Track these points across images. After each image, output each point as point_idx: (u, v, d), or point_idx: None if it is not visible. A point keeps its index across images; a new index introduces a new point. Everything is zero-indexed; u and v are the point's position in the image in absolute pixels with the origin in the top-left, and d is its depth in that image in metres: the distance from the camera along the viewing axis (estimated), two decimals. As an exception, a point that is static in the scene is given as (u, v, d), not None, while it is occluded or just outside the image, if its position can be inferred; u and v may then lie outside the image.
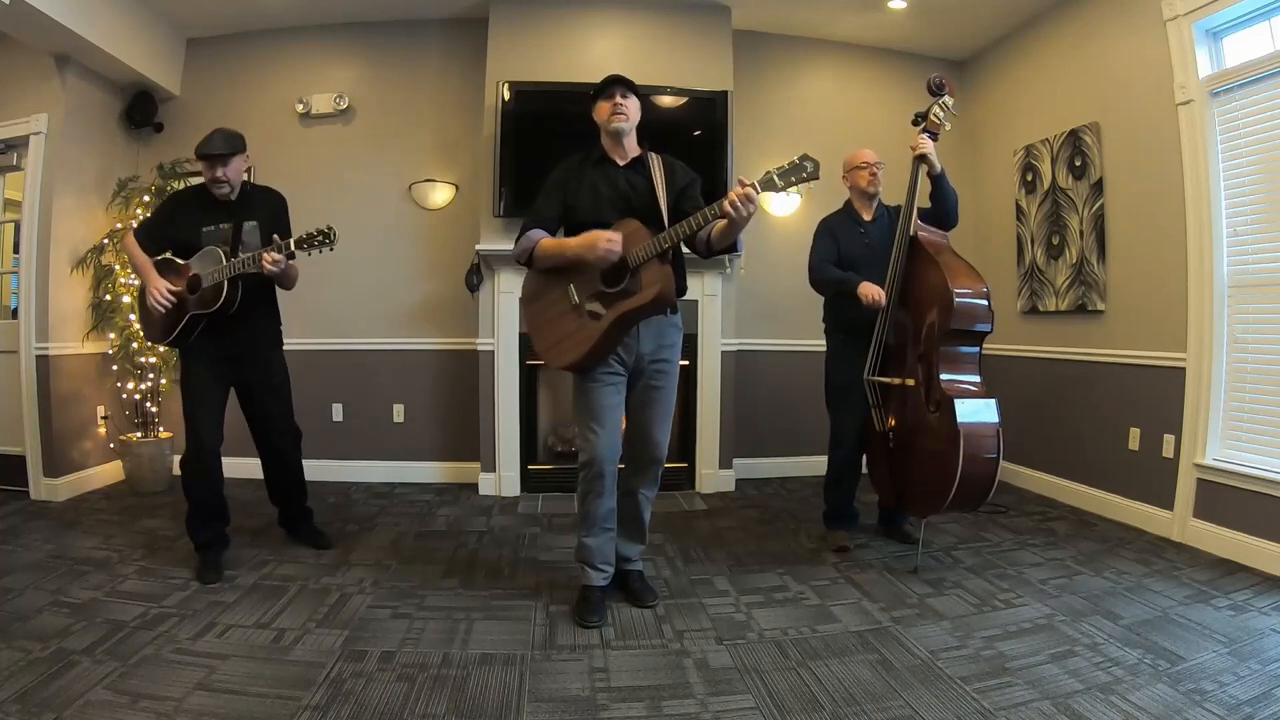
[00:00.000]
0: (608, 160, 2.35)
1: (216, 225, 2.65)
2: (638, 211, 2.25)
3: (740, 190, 1.98)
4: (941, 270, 2.66)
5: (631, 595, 2.46)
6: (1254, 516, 2.77)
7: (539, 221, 2.33)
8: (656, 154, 2.38)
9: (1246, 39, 2.91)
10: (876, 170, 2.95)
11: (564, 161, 2.40)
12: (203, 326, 2.63)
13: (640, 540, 2.52)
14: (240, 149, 2.65)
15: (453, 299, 4.14)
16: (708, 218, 2.08)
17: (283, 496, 3.02)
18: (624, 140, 2.34)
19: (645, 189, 2.30)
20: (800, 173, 1.98)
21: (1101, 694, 1.82)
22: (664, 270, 2.15)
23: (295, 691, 1.84)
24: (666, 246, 2.13)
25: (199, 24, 4.11)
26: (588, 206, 2.29)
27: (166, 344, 2.71)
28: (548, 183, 2.38)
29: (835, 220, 3.02)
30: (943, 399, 2.61)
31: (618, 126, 2.29)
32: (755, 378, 4.31)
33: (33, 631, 2.13)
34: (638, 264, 2.15)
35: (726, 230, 2.13)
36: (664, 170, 2.33)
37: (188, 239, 2.65)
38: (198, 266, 2.61)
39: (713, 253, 2.25)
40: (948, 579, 2.66)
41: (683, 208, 2.27)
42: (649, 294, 2.13)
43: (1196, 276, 3.03)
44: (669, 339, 2.36)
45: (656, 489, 2.46)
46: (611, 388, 2.31)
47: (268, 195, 2.80)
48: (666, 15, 4.05)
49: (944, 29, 4.22)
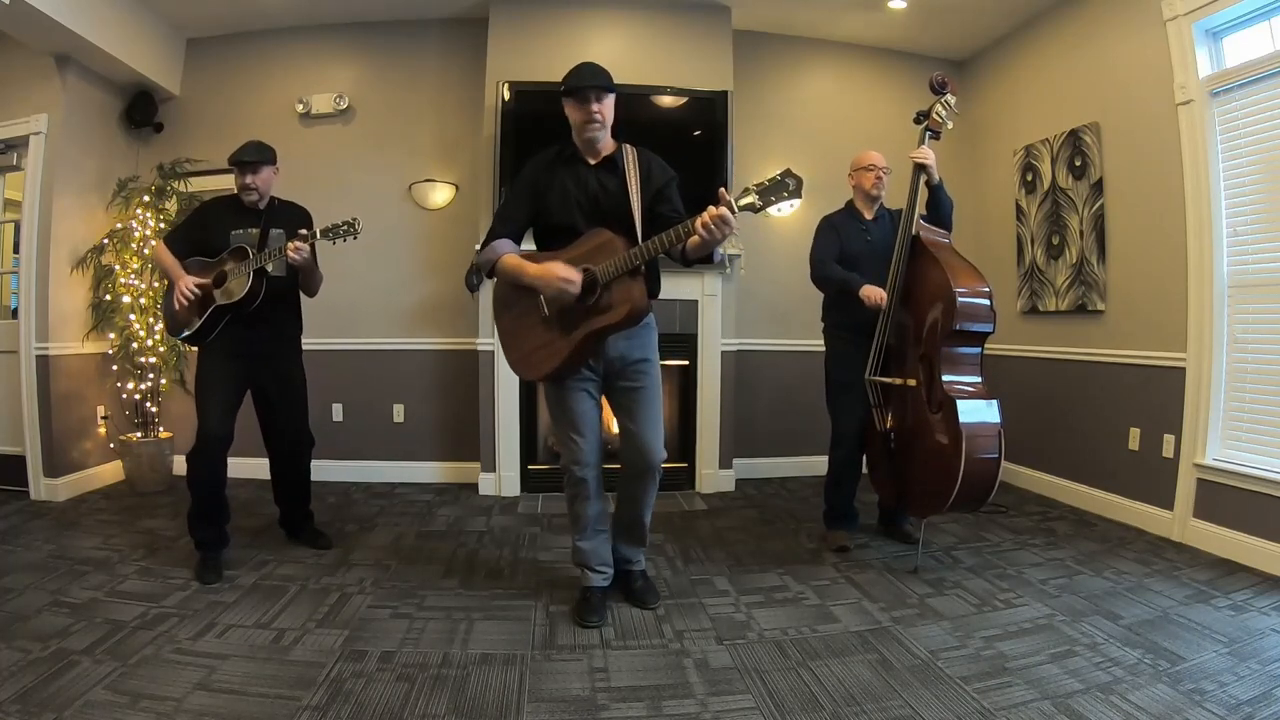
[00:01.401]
0: (578, 158, 2.23)
1: (245, 230, 2.71)
2: (608, 214, 2.16)
3: (715, 212, 1.89)
4: (943, 269, 2.65)
5: (634, 596, 2.43)
6: (1254, 516, 2.76)
7: (505, 227, 2.25)
8: (633, 147, 2.24)
9: (1246, 39, 2.91)
10: (882, 175, 2.95)
11: (535, 158, 2.29)
12: (225, 322, 2.66)
13: (641, 543, 2.48)
14: (270, 160, 2.75)
15: (453, 299, 4.14)
16: (681, 235, 1.98)
17: (287, 500, 3.02)
18: (598, 142, 2.22)
19: (617, 190, 2.19)
20: (782, 190, 1.88)
21: (1101, 694, 1.82)
22: (634, 286, 2.06)
23: (295, 691, 1.84)
24: (637, 263, 2.04)
25: (199, 24, 4.12)
26: (558, 208, 2.21)
27: (187, 338, 2.72)
28: (517, 182, 2.31)
29: (837, 218, 3.02)
30: (945, 399, 2.61)
31: (592, 136, 2.18)
32: (755, 378, 4.30)
33: (33, 631, 2.13)
34: (608, 279, 2.06)
35: (700, 246, 2.01)
36: (639, 169, 2.20)
37: (217, 243, 2.71)
38: (227, 261, 2.66)
39: (688, 264, 2.15)
40: (948, 579, 2.66)
41: (658, 209, 2.19)
42: (619, 313, 2.06)
43: (1196, 276, 3.03)
44: (641, 338, 2.27)
45: (656, 491, 2.38)
46: (585, 393, 2.28)
47: (295, 209, 2.88)
48: (666, 15, 4.05)
49: (944, 29, 4.22)
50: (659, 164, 2.27)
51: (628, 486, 2.36)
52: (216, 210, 2.80)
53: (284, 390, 2.85)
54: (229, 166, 2.71)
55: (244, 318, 2.65)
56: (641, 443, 2.26)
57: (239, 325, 2.67)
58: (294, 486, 3.00)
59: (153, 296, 3.92)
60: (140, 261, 3.88)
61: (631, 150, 2.24)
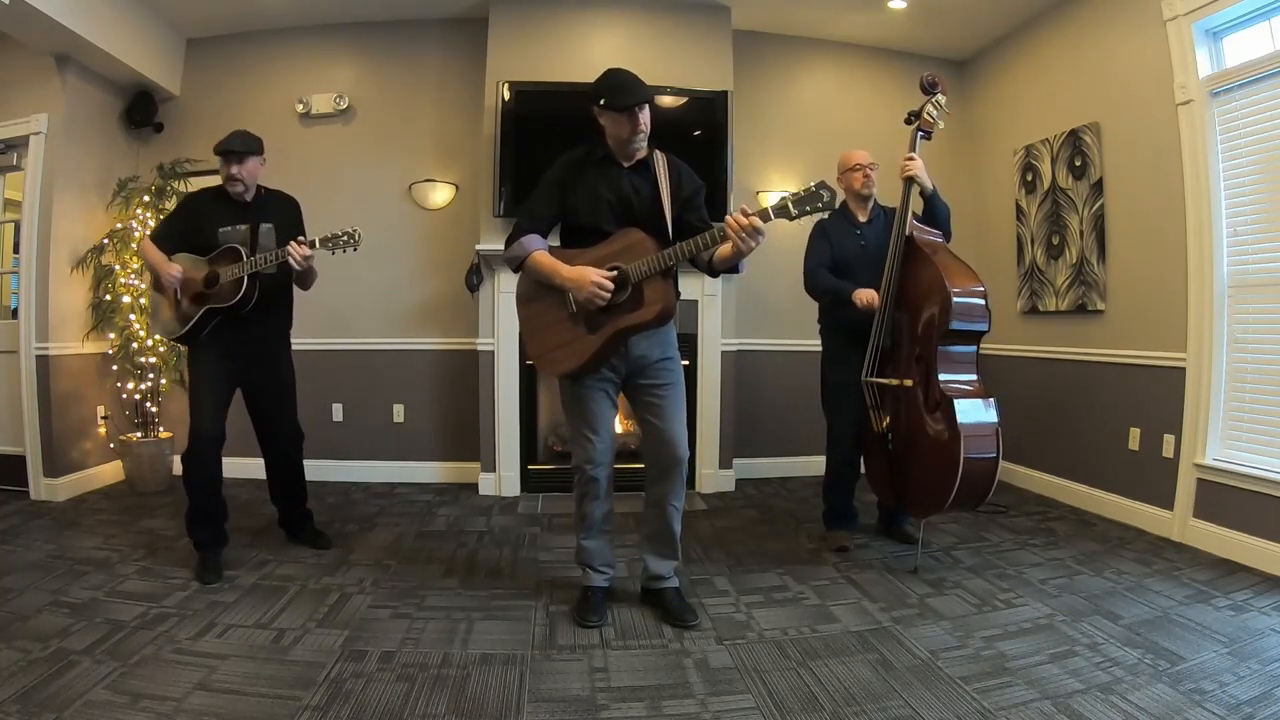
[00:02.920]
0: (611, 160, 2.23)
1: (233, 226, 2.68)
2: (640, 217, 2.17)
3: (745, 220, 1.93)
4: (938, 269, 2.65)
5: (671, 615, 2.29)
6: (1254, 516, 2.76)
7: (534, 223, 2.23)
8: (662, 153, 2.26)
9: (1246, 39, 2.91)
10: (869, 172, 2.94)
11: (565, 156, 2.27)
12: (215, 323, 2.65)
13: (673, 555, 2.38)
14: (256, 150, 2.70)
15: (453, 299, 4.14)
16: (712, 240, 2.02)
17: (284, 498, 3.01)
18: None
19: (649, 194, 2.20)
20: (817, 201, 1.91)
21: (1101, 694, 1.82)
22: (666, 286, 2.09)
23: (295, 691, 1.84)
24: (671, 264, 2.06)
25: (199, 24, 4.12)
26: (587, 210, 2.20)
27: (178, 339, 2.71)
28: (546, 179, 2.27)
29: (830, 223, 3.00)
30: (942, 399, 2.61)
31: (638, 148, 2.20)
32: (755, 378, 4.30)
33: (33, 631, 2.13)
34: (640, 278, 2.08)
35: (730, 256, 2.08)
36: (670, 175, 2.22)
37: (204, 239, 2.68)
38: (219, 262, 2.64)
39: (715, 273, 2.20)
40: (948, 579, 2.66)
41: (686, 218, 2.21)
42: (651, 311, 2.07)
43: (1196, 276, 3.03)
44: (663, 338, 2.27)
45: (683, 496, 2.33)
46: (603, 393, 2.27)
47: (283, 199, 2.85)
48: (666, 15, 4.05)
49: (944, 29, 4.22)
50: (688, 172, 2.29)
51: (654, 486, 2.31)
52: (202, 203, 2.75)
53: (275, 388, 2.84)
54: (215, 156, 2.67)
55: (233, 318, 2.63)
56: (668, 437, 2.24)
57: (228, 325, 2.65)
58: (289, 485, 2.99)
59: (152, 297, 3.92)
60: (140, 262, 3.88)
61: (662, 156, 2.26)
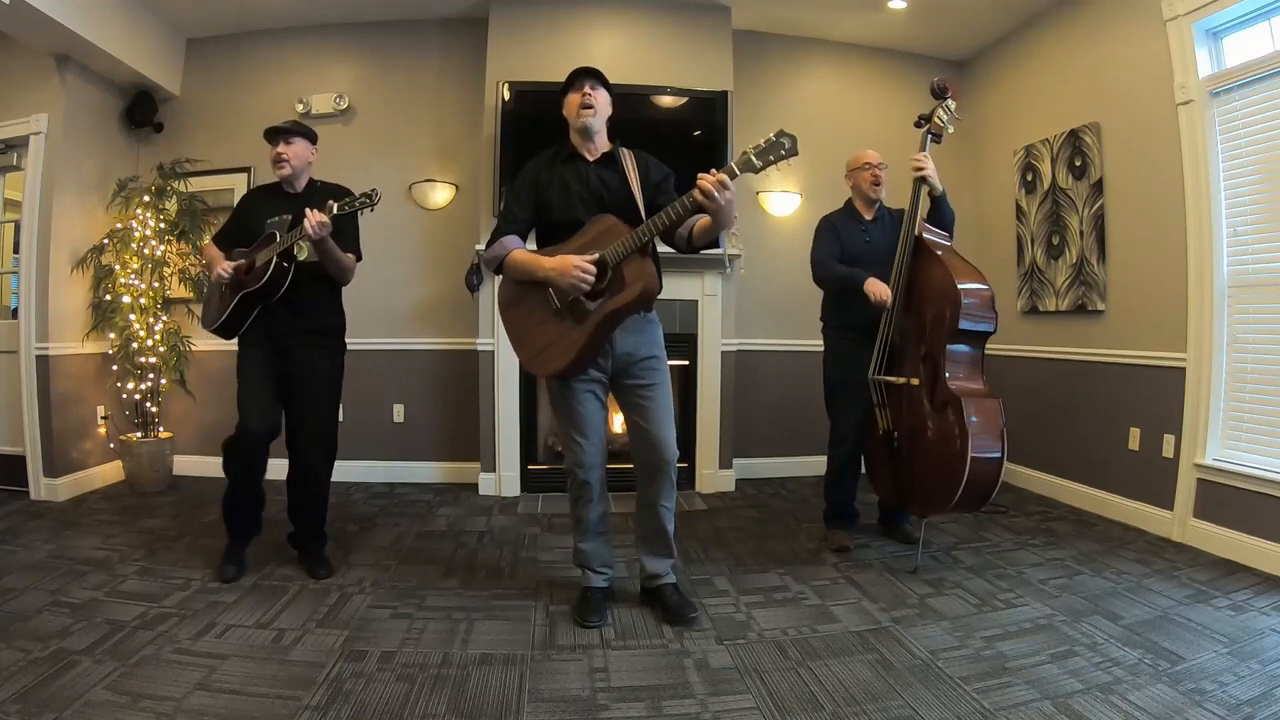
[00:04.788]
0: (577, 157, 2.26)
1: (280, 216, 2.59)
2: (612, 208, 2.18)
3: (712, 179, 1.91)
4: (947, 269, 2.66)
5: (670, 612, 2.29)
6: (1254, 516, 2.76)
7: (512, 225, 2.26)
8: (628, 149, 2.29)
9: (1246, 39, 2.91)
10: (879, 172, 2.95)
11: (533, 159, 2.32)
12: (258, 313, 2.58)
13: (668, 554, 2.38)
14: (306, 133, 2.65)
15: (453, 299, 4.14)
16: (686, 206, 1.99)
17: (301, 513, 2.73)
18: (594, 136, 2.25)
19: (618, 185, 2.22)
20: (778, 150, 1.90)
21: (1101, 694, 1.82)
22: (645, 264, 2.08)
23: (295, 691, 1.84)
24: (646, 239, 2.05)
25: (199, 24, 4.12)
26: (559, 204, 2.22)
27: (217, 329, 2.63)
28: (517, 181, 2.32)
29: (837, 218, 3.02)
30: (949, 399, 2.61)
31: (585, 123, 2.21)
32: (755, 378, 4.30)
33: (33, 631, 2.13)
34: (618, 260, 2.07)
35: (709, 226, 2.09)
36: (636, 166, 2.25)
37: (253, 232, 2.62)
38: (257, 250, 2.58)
39: (694, 249, 2.19)
40: (948, 579, 2.66)
41: (658, 201, 2.19)
42: (633, 291, 2.06)
43: (1196, 276, 3.03)
44: (648, 335, 2.27)
45: (675, 495, 2.33)
46: (591, 394, 2.27)
47: (337, 192, 2.66)
48: (666, 15, 4.05)
49: (944, 29, 4.22)
50: (655, 161, 2.33)
51: (644, 489, 2.31)
52: (253, 197, 2.76)
53: (307, 383, 2.62)
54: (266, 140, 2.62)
55: (273, 307, 2.56)
56: (655, 439, 2.24)
57: (269, 315, 2.58)
58: (304, 497, 2.70)
59: (152, 297, 3.92)
60: (140, 261, 3.88)
61: (628, 151, 2.30)
